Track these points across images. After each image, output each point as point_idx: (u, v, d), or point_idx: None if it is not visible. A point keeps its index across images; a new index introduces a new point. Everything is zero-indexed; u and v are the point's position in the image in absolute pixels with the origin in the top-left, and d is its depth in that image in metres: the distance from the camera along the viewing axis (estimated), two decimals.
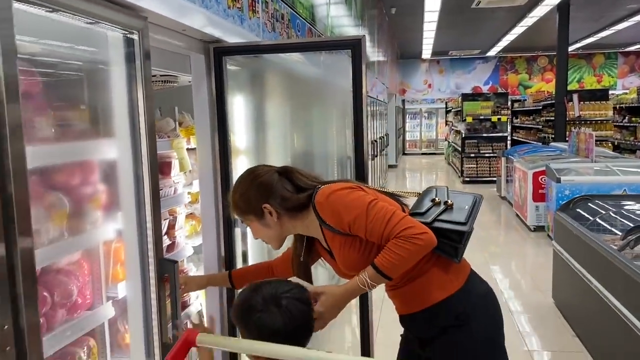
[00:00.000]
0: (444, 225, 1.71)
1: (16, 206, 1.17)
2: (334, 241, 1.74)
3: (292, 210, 1.75)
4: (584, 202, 4.72)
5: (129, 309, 1.87)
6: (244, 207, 1.79)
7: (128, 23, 1.68)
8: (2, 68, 1.14)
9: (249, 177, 1.80)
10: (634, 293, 3.01)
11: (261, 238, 1.86)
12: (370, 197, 1.68)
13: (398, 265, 1.60)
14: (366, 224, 1.62)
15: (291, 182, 1.78)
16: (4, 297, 1.16)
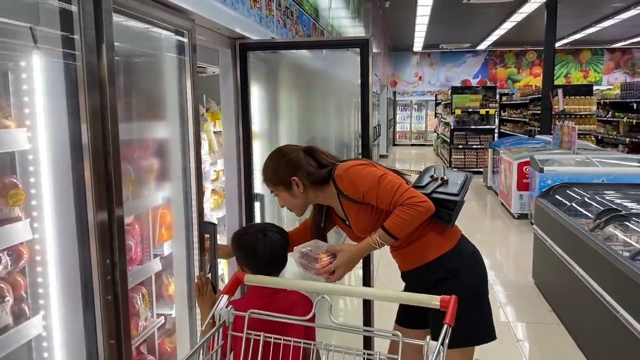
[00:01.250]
0: (441, 196, 2.08)
1: (114, 177, 1.52)
2: (349, 209, 2.10)
3: (315, 183, 2.10)
4: (562, 190, 5.13)
5: (174, 264, 2.22)
6: (274, 179, 2.13)
7: (181, 24, 2.03)
8: (105, 57, 1.48)
9: (279, 155, 2.14)
10: (603, 269, 3.40)
11: (287, 206, 2.20)
12: (381, 172, 2.04)
13: (403, 227, 1.97)
14: (377, 193, 1.98)
15: (314, 159, 2.13)
16: (107, 244, 1.50)
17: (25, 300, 1.50)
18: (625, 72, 21.55)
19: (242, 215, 2.83)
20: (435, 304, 1.46)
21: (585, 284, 3.66)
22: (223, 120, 2.82)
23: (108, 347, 1.53)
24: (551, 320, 4.42)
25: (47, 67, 1.46)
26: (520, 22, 15.41)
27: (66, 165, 1.47)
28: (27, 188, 1.48)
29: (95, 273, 1.48)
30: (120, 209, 1.55)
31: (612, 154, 8.31)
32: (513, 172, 8.29)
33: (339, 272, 2.00)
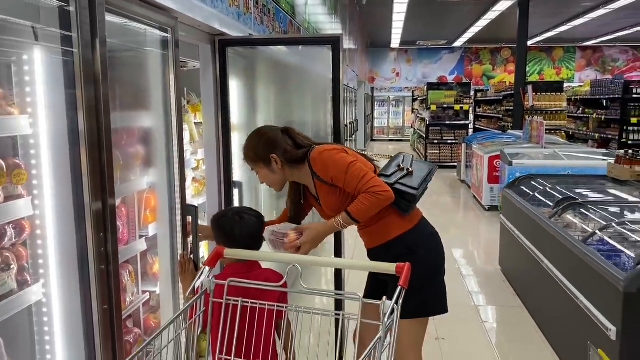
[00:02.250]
0: (402, 188, 2.28)
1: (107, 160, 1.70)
2: (321, 189, 2.29)
3: (291, 161, 2.27)
4: (527, 181, 5.40)
5: (159, 244, 2.40)
6: (254, 157, 2.30)
7: (165, 22, 2.20)
8: (99, 52, 1.66)
9: (259, 134, 2.31)
10: (559, 253, 3.66)
11: (267, 182, 2.36)
12: (351, 159, 2.22)
13: (364, 212, 2.17)
14: (345, 178, 2.18)
15: (292, 139, 2.30)
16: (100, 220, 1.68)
17: (27, 270, 1.67)
18: (596, 70, 22.10)
19: (222, 201, 3.01)
20: (392, 270, 1.66)
21: (545, 268, 3.91)
22: (203, 112, 2.99)
23: (102, 312, 1.70)
24: (515, 303, 4.68)
25: (47, 60, 1.63)
26: (494, 20, 15.76)
27: (64, 149, 1.64)
28: (29, 169, 1.65)
29: (91, 245, 1.66)
30: (112, 188, 1.72)
31: (578, 148, 8.66)
32: (484, 166, 8.58)
33: (305, 248, 2.19)
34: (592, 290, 3.07)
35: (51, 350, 1.72)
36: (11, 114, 1.58)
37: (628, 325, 2.71)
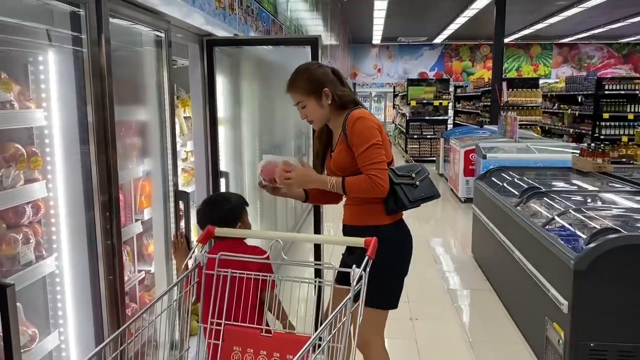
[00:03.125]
0: (399, 192, 2.41)
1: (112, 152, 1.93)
2: (341, 144, 2.42)
3: (338, 103, 2.40)
4: (497, 172, 5.71)
5: (154, 227, 2.63)
6: (309, 88, 2.37)
7: (159, 25, 2.43)
8: (104, 51, 1.89)
9: (314, 66, 2.45)
10: (522, 237, 3.95)
11: (312, 117, 2.43)
12: (378, 140, 2.34)
13: (355, 191, 2.35)
14: (361, 151, 2.32)
15: (340, 80, 2.44)
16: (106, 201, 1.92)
17: (42, 245, 1.90)
18: (573, 66, 22.62)
19: (210, 189, 3.25)
20: (361, 243, 1.91)
21: (510, 252, 4.21)
22: (192, 106, 3.23)
23: (107, 282, 1.94)
24: (484, 287, 4.99)
25: (59, 59, 1.85)
26: (473, 17, 16.10)
27: (75, 138, 1.87)
28: (44, 156, 1.88)
29: (98, 223, 1.90)
30: (116, 173, 1.96)
31: (550, 142, 9.02)
32: (460, 160, 8.90)
33: (292, 182, 2.35)
34: (549, 270, 3.37)
35: (63, 316, 1.95)
36: (28, 107, 1.81)
37: (577, 299, 3.01)
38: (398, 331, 2.70)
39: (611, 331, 3.01)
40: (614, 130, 11.50)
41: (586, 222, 3.47)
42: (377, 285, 1.94)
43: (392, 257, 2.45)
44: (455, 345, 3.88)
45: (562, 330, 3.14)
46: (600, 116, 11.53)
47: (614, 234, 3.04)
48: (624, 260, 2.95)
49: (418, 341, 3.87)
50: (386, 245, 2.38)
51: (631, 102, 11.43)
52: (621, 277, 2.97)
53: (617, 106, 11.62)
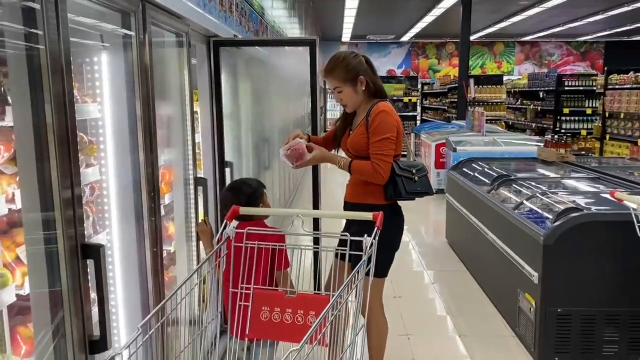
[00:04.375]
0: (399, 182, 2.77)
1: (153, 138, 2.23)
2: (360, 127, 2.77)
3: (369, 91, 2.77)
4: (469, 163, 6.13)
5: (175, 210, 2.93)
6: (345, 76, 2.71)
7: (182, 28, 2.73)
8: (147, 52, 2.18)
9: (351, 55, 2.75)
10: (495, 220, 4.36)
11: (347, 102, 2.79)
12: (392, 135, 2.67)
13: (358, 172, 2.73)
14: (374, 140, 2.67)
15: (372, 69, 2.79)
16: (150, 183, 2.22)
17: (96, 222, 2.19)
18: (534, 63, 23.46)
19: (217, 177, 3.54)
20: (369, 217, 2.25)
21: (483, 234, 4.62)
22: (200, 102, 3.51)
23: (152, 253, 2.24)
24: (459, 268, 5.41)
25: (111, 61, 2.14)
26: (439, 16, 16.63)
27: (124, 129, 2.16)
28: (98, 144, 2.16)
29: (145, 202, 2.19)
30: (157, 159, 2.26)
31: (515, 136, 9.54)
32: (431, 153, 9.34)
33: (307, 158, 2.71)
34: (520, 247, 3.79)
35: (113, 284, 2.24)
36: (86, 102, 2.09)
37: (546, 271, 3.42)
38: (385, 307, 3.06)
39: (575, 298, 3.43)
40: (573, 125, 12.11)
41: (552, 204, 3.89)
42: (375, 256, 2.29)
43: (387, 233, 2.79)
44: (436, 318, 4.28)
45: (533, 299, 3.55)
46: (560, 111, 12.13)
47: (576, 213, 3.46)
48: (585, 235, 3.38)
49: (403, 315, 4.25)
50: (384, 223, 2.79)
51: (589, 97, 12.07)
52: (583, 250, 3.39)
53: (576, 101, 12.25)
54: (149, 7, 2.21)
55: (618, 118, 9.85)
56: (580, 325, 3.44)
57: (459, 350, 3.74)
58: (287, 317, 2.24)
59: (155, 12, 2.32)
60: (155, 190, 2.25)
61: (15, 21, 1.44)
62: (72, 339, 1.59)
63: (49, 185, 1.49)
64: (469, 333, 3.98)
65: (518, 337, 3.83)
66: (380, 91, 2.85)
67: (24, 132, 1.48)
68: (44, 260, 1.55)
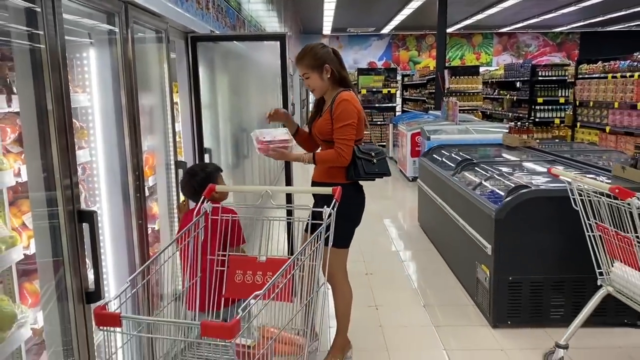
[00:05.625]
0: (359, 164, 3.09)
1: (136, 124, 2.53)
2: (326, 114, 3.07)
3: (334, 79, 3.07)
4: (438, 150, 6.49)
5: (159, 192, 3.23)
6: (313, 63, 3.03)
7: (161, 26, 3.02)
8: (131, 48, 2.48)
9: (319, 46, 3.09)
10: (457, 200, 4.71)
11: (313, 86, 3.09)
12: (353, 121, 2.98)
13: (323, 162, 3.04)
14: (338, 126, 2.98)
15: (338, 60, 3.11)
16: (135, 163, 2.51)
17: (88, 198, 2.49)
18: (512, 54, 23.92)
19: (196, 161, 3.84)
20: (329, 191, 2.57)
21: (448, 214, 4.97)
22: (180, 93, 3.81)
23: (137, 226, 2.54)
24: (428, 247, 5.77)
25: (98, 56, 2.43)
26: (418, 8, 16.95)
27: (111, 116, 2.46)
28: (88, 129, 2.46)
29: (131, 181, 2.49)
30: (140, 143, 2.56)
31: (487, 124, 9.93)
32: (407, 142, 9.69)
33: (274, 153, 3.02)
34: (477, 222, 4.14)
35: (104, 252, 2.54)
36: (76, 92, 2.38)
37: (498, 243, 3.77)
38: (356, 284, 3.35)
39: (525, 267, 3.79)
40: (547, 114, 12.47)
41: (507, 183, 4.24)
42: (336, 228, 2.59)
43: (347, 208, 3.09)
44: (403, 291, 4.62)
45: (487, 269, 3.90)
46: (535, 100, 12.49)
47: (525, 189, 3.81)
48: (531, 209, 3.73)
49: (373, 290, 4.59)
50: (344, 199, 3.07)
51: (562, 87, 12.45)
52: (531, 223, 3.75)
53: (549, 91, 12.59)
54: (131, 8, 2.50)
55: (588, 106, 10.25)
56: (529, 292, 3.80)
57: (423, 318, 4.09)
58: (258, 279, 2.56)
59: (137, 12, 2.61)
60: (140, 170, 2.55)
61: (19, 22, 1.73)
62: (72, 291, 1.90)
63: (50, 160, 1.79)
64: (433, 303, 4.34)
65: (476, 305, 4.19)
66: (345, 80, 3.15)
67: (28, 116, 1.77)
68: (47, 224, 1.85)
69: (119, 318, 1.80)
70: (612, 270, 3.10)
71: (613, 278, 3.09)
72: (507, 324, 3.83)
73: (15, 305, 1.88)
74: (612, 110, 9.17)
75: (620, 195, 2.68)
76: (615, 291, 3.08)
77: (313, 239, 2.41)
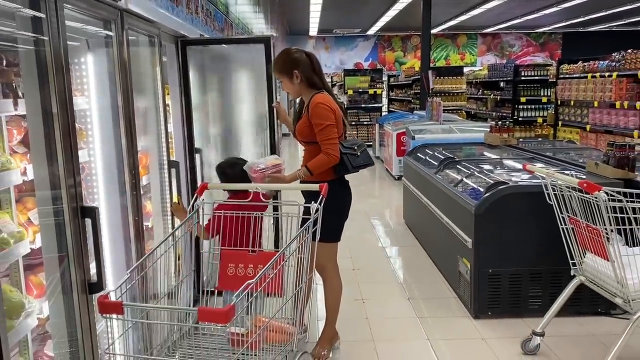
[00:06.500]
0: (345, 160, 3.24)
1: (132, 126, 2.66)
2: (304, 118, 3.23)
3: (304, 82, 3.21)
4: (422, 149, 6.66)
5: (152, 190, 3.35)
6: (283, 69, 3.20)
7: (154, 31, 3.15)
8: (126, 53, 2.61)
9: (291, 51, 3.24)
10: (439, 196, 4.88)
11: (288, 90, 3.29)
12: (331, 121, 3.12)
13: (317, 168, 3.16)
14: (319, 130, 3.12)
15: (312, 63, 3.23)
16: (131, 162, 2.65)
17: (86, 196, 2.61)
18: (496, 55, 24.24)
19: (187, 162, 3.98)
20: (316, 188, 2.71)
21: (431, 210, 5.14)
22: (171, 95, 3.93)
23: (134, 222, 2.68)
24: (413, 244, 5.94)
25: (95, 61, 2.56)
26: (403, 10, 17.17)
27: (108, 117, 2.59)
28: (86, 130, 2.58)
29: (128, 179, 2.62)
30: (136, 144, 2.69)
31: (470, 124, 10.14)
32: (393, 142, 9.87)
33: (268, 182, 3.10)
34: (458, 218, 4.31)
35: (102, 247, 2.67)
36: (76, 95, 2.51)
37: (478, 237, 3.95)
38: (344, 279, 3.49)
39: (504, 259, 3.96)
40: (530, 113, 12.70)
41: (486, 180, 4.42)
42: (325, 223, 2.74)
43: (335, 204, 3.27)
44: (389, 286, 4.78)
45: (468, 262, 4.08)
46: (518, 100, 12.70)
47: (503, 186, 3.99)
48: (510, 205, 3.91)
49: (360, 284, 4.75)
50: (331, 195, 3.23)
51: (544, 87, 12.70)
52: (509, 218, 3.92)
53: (532, 91, 12.82)
54: (126, 15, 2.63)
55: (569, 105, 10.48)
56: (508, 283, 3.97)
57: (407, 310, 4.25)
58: (250, 271, 2.70)
59: (131, 18, 2.75)
60: (136, 169, 2.68)
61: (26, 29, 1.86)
62: (76, 282, 2.03)
63: (55, 159, 1.92)
64: (417, 296, 4.50)
65: (458, 297, 4.36)
66: (315, 84, 3.28)
67: (34, 119, 1.90)
68: (52, 220, 1.98)
69: (121, 306, 1.94)
70: (584, 260, 3.27)
71: (585, 268, 3.26)
72: (488, 314, 4.01)
73: (22, 296, 2.01)
74: (592, 109, 9.41)
75: (588, 189, 2.85)
76: (588, 280, 3.26)
77: (301, 232, 2.56)
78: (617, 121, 8.59)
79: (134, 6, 2.67)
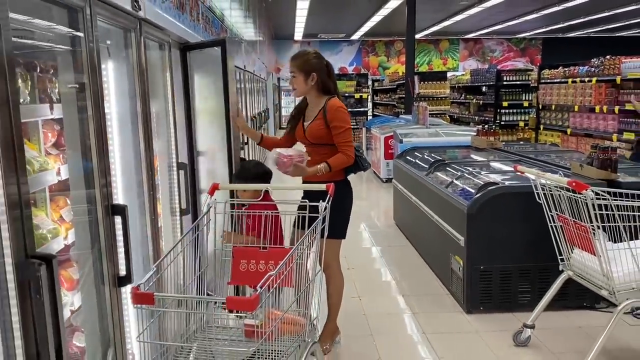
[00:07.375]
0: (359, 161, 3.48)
1: (149, 131, 2.80)
2: (318, 120, 3.39)
3: (318, 87, 3.41)
4: (412, 152, 6.86)
5: (161, 190, 3.48)
6: (303, 67, 3.38)
7: (165, 38, 3.29)
8: (144, 59, 2.75)
9: (313, 55, 3.45)
10: (431, 197, 5.08)
11: (297, 87, 3.43)
12: (350, 125, 3.40)
13: (338, 165, 3.34)
14: (339, 132, 3.32)
15: (329, 72, 3.44)
16: (149, 161, 2.79)
17: None
18: (478, 60, 24.65)
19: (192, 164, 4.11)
20: (323, 187, 2.87)
21: (422, 211, 5.33)
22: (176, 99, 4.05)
23: (151, 221, 2.81)
24: (404, 243, 6.13)
25: (116, 67, 2.70)
26: (387, 16, 17.43)
27: (127, 121, 2.72)
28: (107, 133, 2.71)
29: (145, 179, 2.76)
30: (152, 144, 2.83)
31: (455, 127, 10.39)
32: (381, 145, 10.07)
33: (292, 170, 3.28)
34: (450, 217, 4.50)
35: None
36: None
37: (470, 235, 4.14)
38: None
39: (495, 256, 4.16)
40: (512, 117, 12.99)
41: (476, 181, 4.62)
42: (331, 221, 2.90)
43: (340, 202, 3.46)
44: (383, 283, 4.96)
45: (461, 260, 4.27)
46: (500, 104, 12.99)
47: (493, 186, 4.19)
48: (500, 204, 4.11)
49: (355, 283, 4.92)
50: (338, 194, 3.41)
51: (526, 91, 13.00)
52: (499, 216, 4.12)
53: (514, 95, 13.11)
54: (144, 24, 2.77)
55: (550, 110, 10.79)
56: (499, 279, 4.17)
57: (402, 306, 4.43)
58: (261, 267, 2.86)
59: (148, 27, 2.89)
60: (152, 170, 2.82)
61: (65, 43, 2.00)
62: (107, 275, 2.16)
63: (89, 159, 2.06)
64: (411, 293, 4.68)
65: (451, 294, 4.55)
66: (329, 90, 3.47)
67: (71, 122, 2.04)
68: (86, 217, 2.11)
69: (152, 297, 2.08)
70: (571, 256, 3.48)
71: (572, 263, 3.47)
72: (480, 309, 4.20)
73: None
74: (572, 114, 9.71)
75: (577, 188, 3.05)
76: (575, 275, 3.46)
77: (310, 231, 2.72)
78: (597, 125, 8.89)
79: (151, 15, 2.81)
